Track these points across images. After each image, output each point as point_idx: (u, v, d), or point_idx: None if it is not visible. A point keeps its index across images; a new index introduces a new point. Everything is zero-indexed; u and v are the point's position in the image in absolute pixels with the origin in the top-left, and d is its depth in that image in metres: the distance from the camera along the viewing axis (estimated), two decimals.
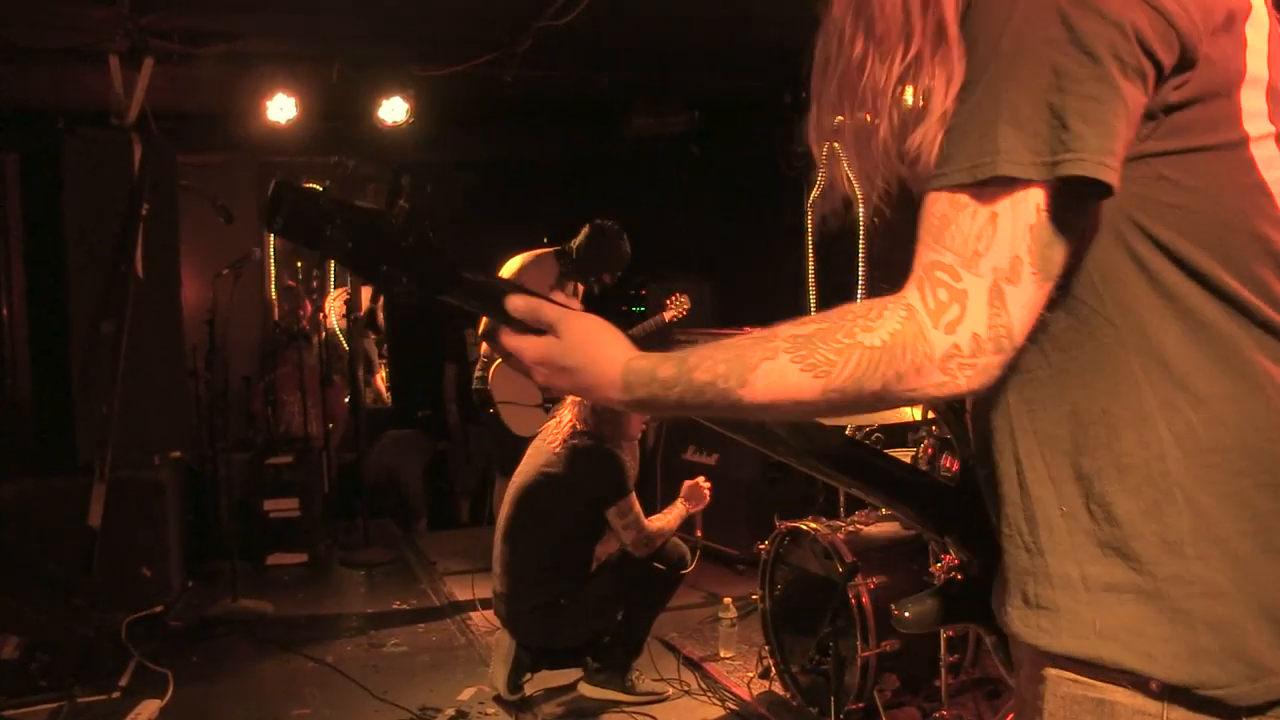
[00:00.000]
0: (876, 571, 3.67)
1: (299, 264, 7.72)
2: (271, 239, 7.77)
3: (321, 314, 7.55)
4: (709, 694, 4.17)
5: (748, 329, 6.09)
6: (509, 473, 5.39)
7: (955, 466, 3.58)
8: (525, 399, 5.33)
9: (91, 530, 4.99)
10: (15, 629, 4.32)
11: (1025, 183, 0.97)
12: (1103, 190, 0.98)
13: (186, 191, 6.11)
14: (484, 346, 5.67)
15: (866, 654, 3.55)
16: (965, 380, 1.01)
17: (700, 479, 4.33)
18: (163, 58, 5.34)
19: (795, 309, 7.21)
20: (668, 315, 5.88)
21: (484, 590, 5.46)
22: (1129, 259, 1.03)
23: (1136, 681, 1.01)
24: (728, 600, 4.59)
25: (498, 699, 4.13)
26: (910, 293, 1.01)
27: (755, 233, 7.03)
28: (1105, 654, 1.03)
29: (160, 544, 5.40)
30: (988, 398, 1.13)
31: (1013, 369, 1.05)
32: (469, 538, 5.80)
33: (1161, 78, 0.99)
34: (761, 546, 3.99)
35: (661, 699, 4.12)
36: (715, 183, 7.90)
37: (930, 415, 3.81)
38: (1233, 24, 1.03)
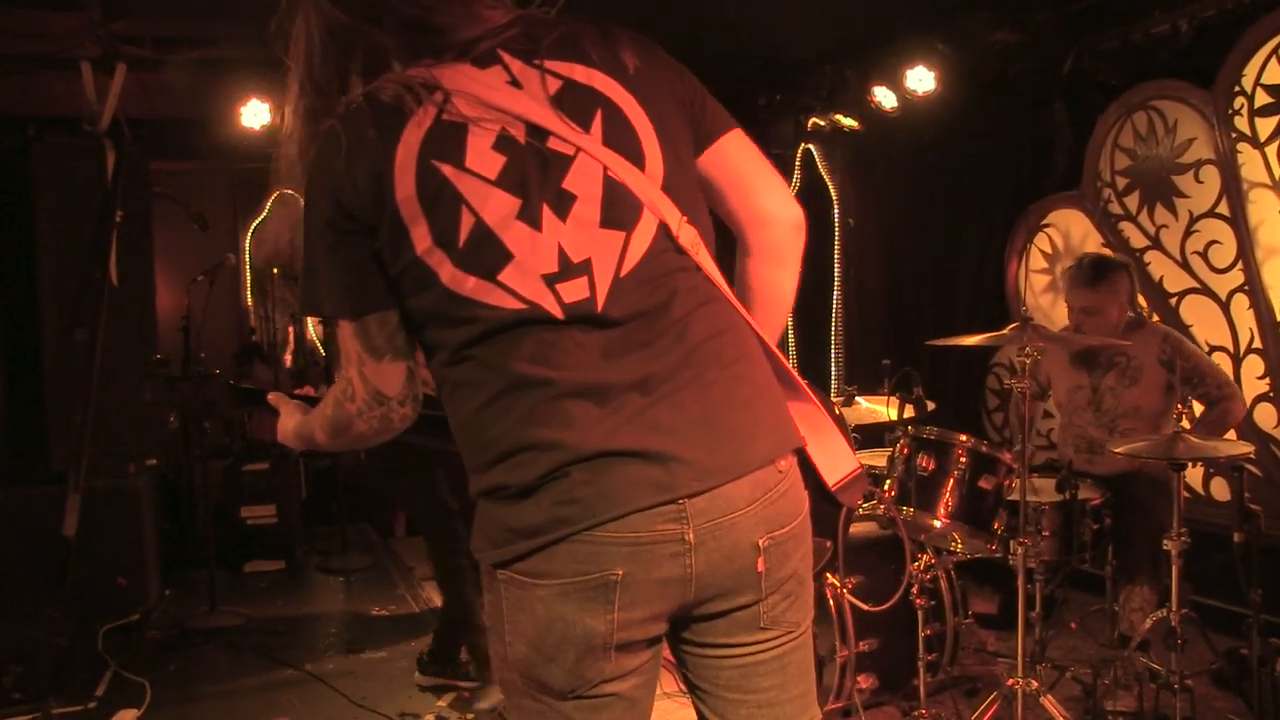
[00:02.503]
0: (854, 571, 3.69)
1: (275, 271, 7.67)
2: (247, 245, 7.74)
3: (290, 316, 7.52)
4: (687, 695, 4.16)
5: None
6: None
7: (931, 465, 3.61)
8: None
9: (66, 539, 4.95)
10: None
11: (332, 318, 1.63)
12: (356, 313, 1.61)
13: (160, 198, 6.08)
14: None
15: (845, 653, 3.57)
16: (379, 425, 1.69)
17: None
18: (135, 64, 5.32)
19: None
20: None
21: None
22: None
23: None
24: None
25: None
26: (335, 386, 1.70)
27: (731, 233, 7.04)
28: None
29: (136, 552, 5.36)
30: None
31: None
32: None
33: (361, 218, 1.54)
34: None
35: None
36: None
37: (907, 416, 3.84)
38: (382, 201, 1.52)
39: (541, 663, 1.54)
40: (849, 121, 6.51)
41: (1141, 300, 4.75)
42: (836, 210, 7.14)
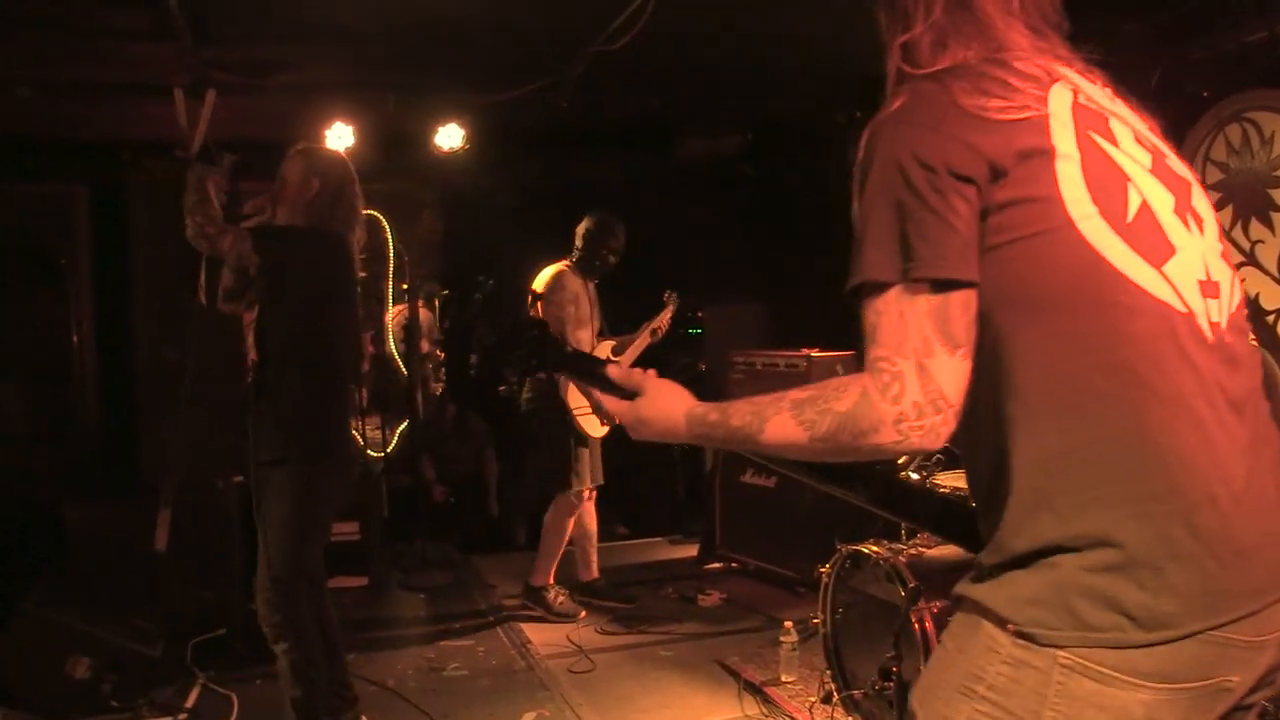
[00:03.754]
0: (940, 595, 3.62)
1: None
2: None
3: (370, 336, 7.61)
4: (770, 719, 4.13)
5: (805, 350, 6.09)
6: (566, 485, 5.45)
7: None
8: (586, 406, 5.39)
9: (157, 553, 5.07)
10: (86, 650, 4.40)
11: (906, 286, 1.34)
12: (955, 282, 1.34)
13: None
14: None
15: None
16: (918, 439, 1.33)
17: None
18: (224, 90, 5.46)
19: (851, 327, 7.19)
20: (652, 325, 5.88)
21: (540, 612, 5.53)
22: (998, 325, 1.37)
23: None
24: (788, 624, 4.54)
25: None
26: (865, 376, 1.36)
27: (809, 252, 7.00)
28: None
29: (224, 567, 5.47)
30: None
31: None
32: (528, 561, 5.81)
33: (980, 189, 1.35)
34: (822, 569, 3.96)
35: None
36: (769, 203, 7.89)
37: None
38: (1037, 156, 1.36)
39: None
40: None
41: None
42: None
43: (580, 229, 5.68)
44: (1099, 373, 1.32)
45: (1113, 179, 1.38)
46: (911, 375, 1.32)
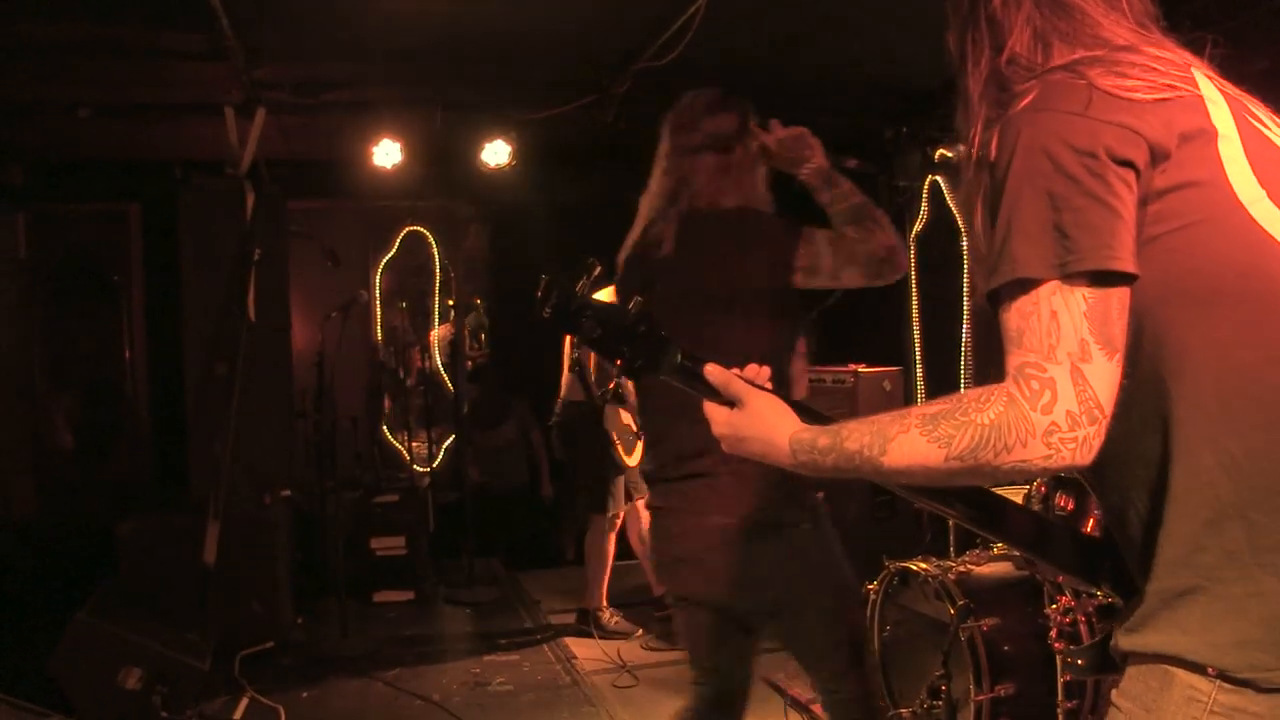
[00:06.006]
0: (989, 613, 3.57)
1: (403, 305, 7.84)
2: (377, 281, 7.93)
3: (417, 351, 7.66)
4: None
5: (852, 365, 6.05)
6: (603, 509, 5.45)
7: (1070, 505, 3.48)
8: (628, 431, 5.38)
9: (206, 566, 5.11)
10: (137, 661, 4.44)
11: (1063, 281, 1.21)
12: (1120, 276, 1.21)
13: (295, 236, 6.29)
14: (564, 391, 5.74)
15: (980, 698, 3.45)
16: (1069, 452, 1.20)
17: None
18: (274, 108, 5.52)
19: (899, 343, 7.16)
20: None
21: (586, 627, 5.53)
22: (1160, 323, 1.25)
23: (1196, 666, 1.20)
24: None
25: None
26: (1009, 385, 1.22)
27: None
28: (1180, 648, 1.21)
29: (271, 580, 5.52)
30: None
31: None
32: (574, 577, 5.81)
33: (1140, 174, 1.23)
34: (870, 587, 3.92)
35: None
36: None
37: None
38: (1199, 136, 1.26)
39: None
40: None
41: None
42: (965, 243, 7.00)
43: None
44: None
45: (1275, 160, 1.30)
46: (1065, 382, 1.19)
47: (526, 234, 7.36)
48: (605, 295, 5.40)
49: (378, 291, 7.95)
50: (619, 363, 1.57)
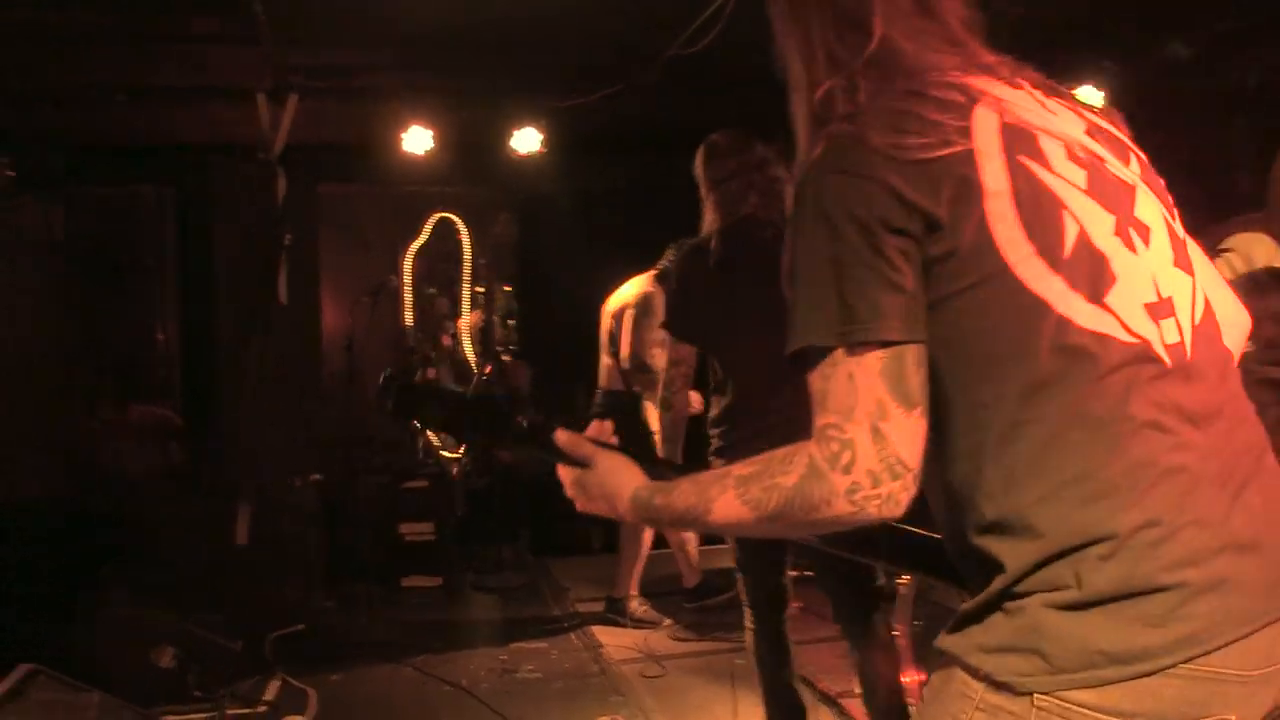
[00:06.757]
0: None
1: (432, 290, 7.85)
2: (407, 267, 7.95)
3: (448, 338, 7.67)
4: None
5: None
6: None
7: None
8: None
9: (237, 549, 5.16)
10: (171, 640, 4.49)
11: (848, 350, 1.25)
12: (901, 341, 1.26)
13: (326, 222, 6.31)
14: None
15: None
16: (875, 508, 1.25)
17: None
18: (306, 94, 5.54)
19: None
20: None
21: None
22: (945, 380, 1.30)
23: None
24: None
25: None
26: (812, 446, 1.27)
27: None
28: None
29: (301, 564, 5.56)
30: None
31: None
32: (602, 565, 5.82)
33: (919, 241, 1.26)
34: (901, 581, 3.90)
35: None
36: None
37: None
38: (968, 198, 1.27)
39: None
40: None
41: None
42: None
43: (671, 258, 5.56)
44: (1063, 420, 1.25)
45: (1048, 209, 1.30)
46: (864, 441, 1.23)
47: (555, 221, 7.36)
48: (634, 287, 5.45)
49: (407, 277, 7.96)
50: (463, 445, 1.73)
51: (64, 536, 5.49)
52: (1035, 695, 1.21)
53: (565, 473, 1.61)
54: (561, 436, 1.61)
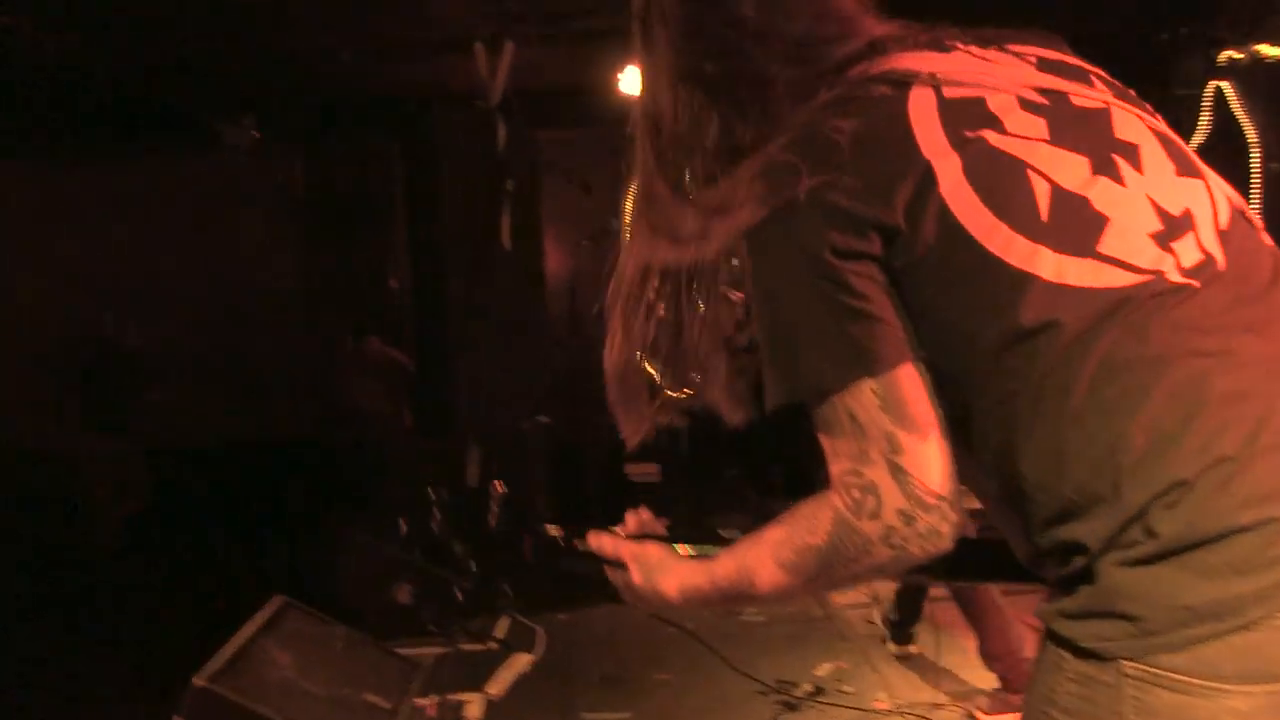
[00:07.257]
0: None
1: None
2: (628, 209, 7.98)
3: None
4: None
5: None
6: None
7: None
8: None
9: (469, 489, 5.33)
10: (408, 578, 4.70)
11: (844, 387, 1.18)
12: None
13: (547, 167, 6.38)
14: None
15: None
16: (917, 548, 1.18)
17: None
18: (523, 41, 5.57)
19: None
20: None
21: None
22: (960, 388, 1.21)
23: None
24: None
25: None
26: (834, 498, 1.20)
27: None
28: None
29: (529, 505, 5.70)
30: None
31: None
32: None
33: (879, 260, 1.19)
34: None
35: None
36: None
37: None
38: (921, 192, 1.18)
39: None
40: (1276, 51, 5.76)
41: None
42: (1256, 156, 6.36)
43: None
44: (1090, 386, 1.13)
45: (1009, 176, 1.20)
46: (885, 481, 1.17)
47: None
48: None
49: (628, 219, 7.99)
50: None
51: (301, 475, 5.81)
52: (1123, 662, 1.10)
53: (614, 576, 1.53)
54: (594, 540, 1.55)
